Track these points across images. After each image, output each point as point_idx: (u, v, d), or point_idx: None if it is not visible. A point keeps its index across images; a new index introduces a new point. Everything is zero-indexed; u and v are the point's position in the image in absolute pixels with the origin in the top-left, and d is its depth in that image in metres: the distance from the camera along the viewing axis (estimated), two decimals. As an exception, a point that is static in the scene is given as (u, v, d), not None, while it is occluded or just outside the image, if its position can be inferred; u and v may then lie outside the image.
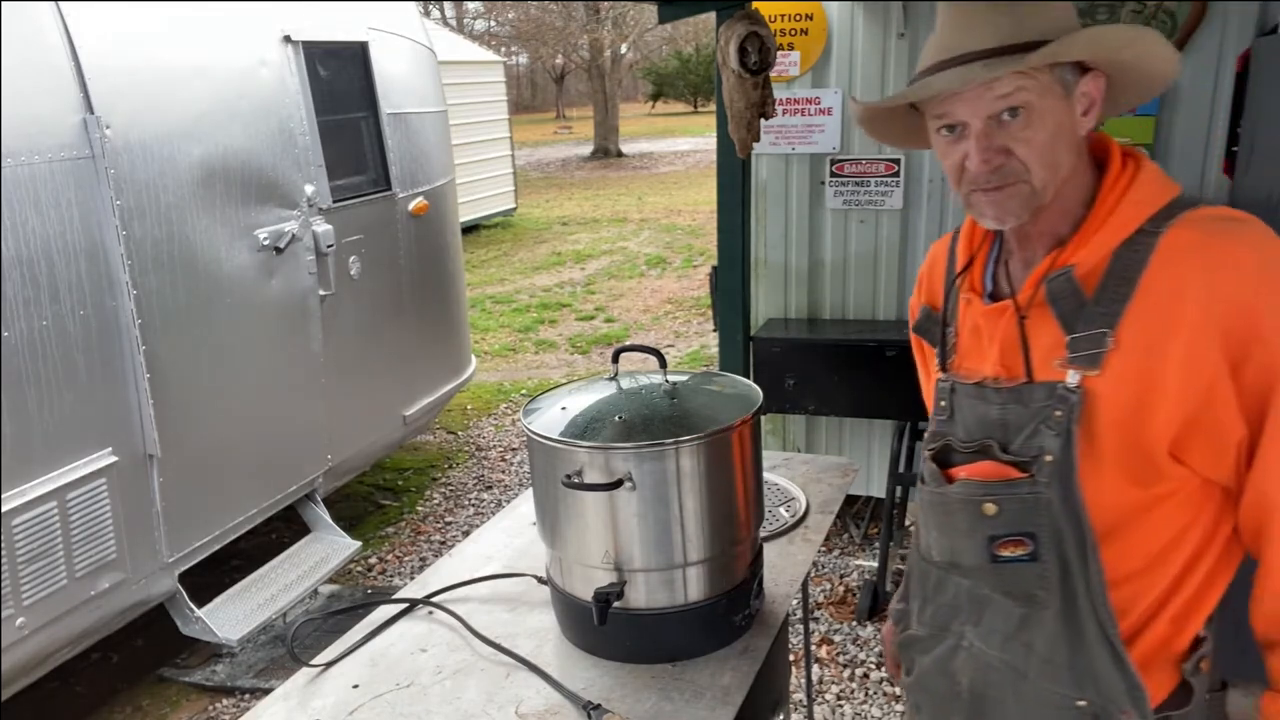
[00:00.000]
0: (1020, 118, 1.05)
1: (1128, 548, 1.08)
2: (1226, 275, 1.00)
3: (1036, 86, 1.04)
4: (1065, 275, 1.08)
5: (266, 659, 3.17)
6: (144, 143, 2.76)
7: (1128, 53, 1.06)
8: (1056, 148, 1.07)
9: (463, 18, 29.61)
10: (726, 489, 1.36)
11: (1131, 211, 1.07)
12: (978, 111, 1.06)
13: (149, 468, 2.80)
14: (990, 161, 1.07)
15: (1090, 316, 1.06)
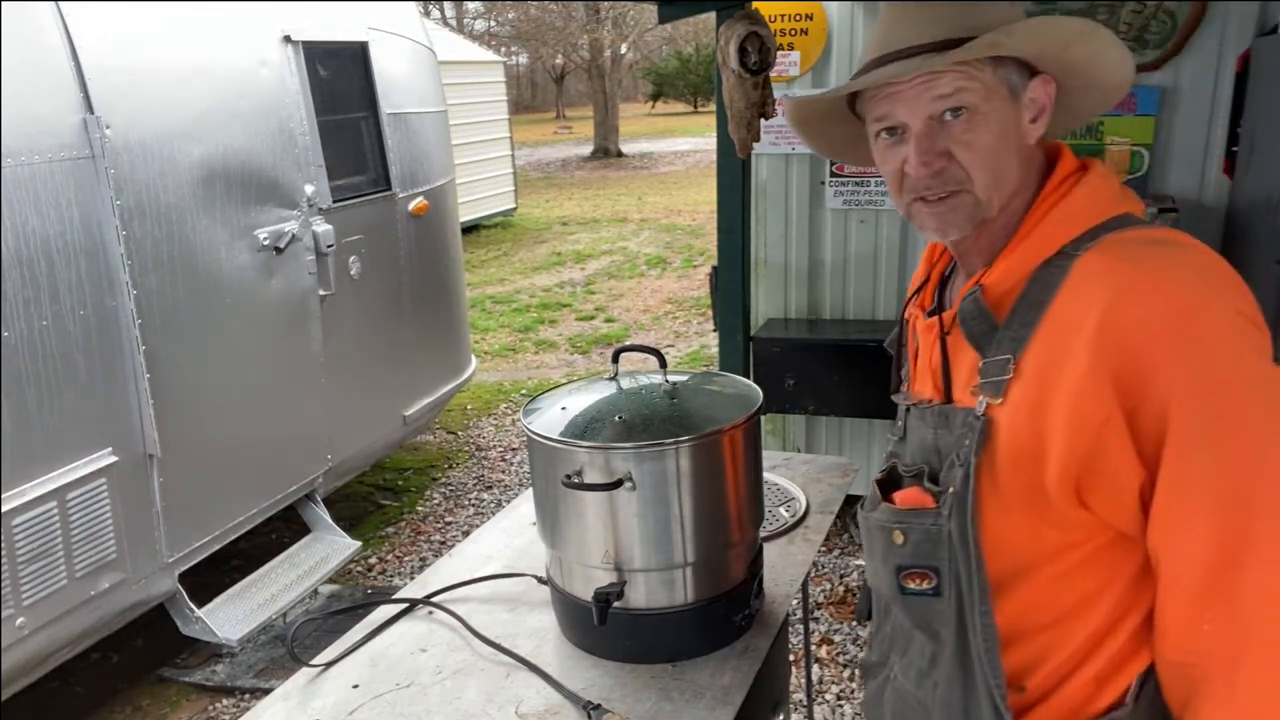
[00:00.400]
0: (963, 119, 0.98)
1: (1040, 595, 1.00)
2: (1125, 309, 0.89)
3: (980, 88, 0.98)
4: (973, 297, 1.02)
5: (266, 659, 3.17)
6: (144, 143, 2.76)
7: (1074, 51, 0.99)
8: (1001, 154, 1.00)
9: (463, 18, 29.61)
10: (726, 489, 1.36)
11: (1054, 230, 0.99)
12: (917, 111, 1.00)
13: (149, 468, 2.80)
14: (930, 165, 1.00)
15: (1000, 341, 0.98)
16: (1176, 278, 0.90)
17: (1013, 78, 1.00)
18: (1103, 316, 0.89)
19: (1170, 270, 0.91)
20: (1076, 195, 1.01)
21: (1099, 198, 1.01)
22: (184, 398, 2.89)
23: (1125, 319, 0.88)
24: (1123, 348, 0.88)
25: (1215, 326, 0.87)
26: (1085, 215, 0.99)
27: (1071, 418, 0.91)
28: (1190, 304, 0.88)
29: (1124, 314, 0.89)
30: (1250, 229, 2.94)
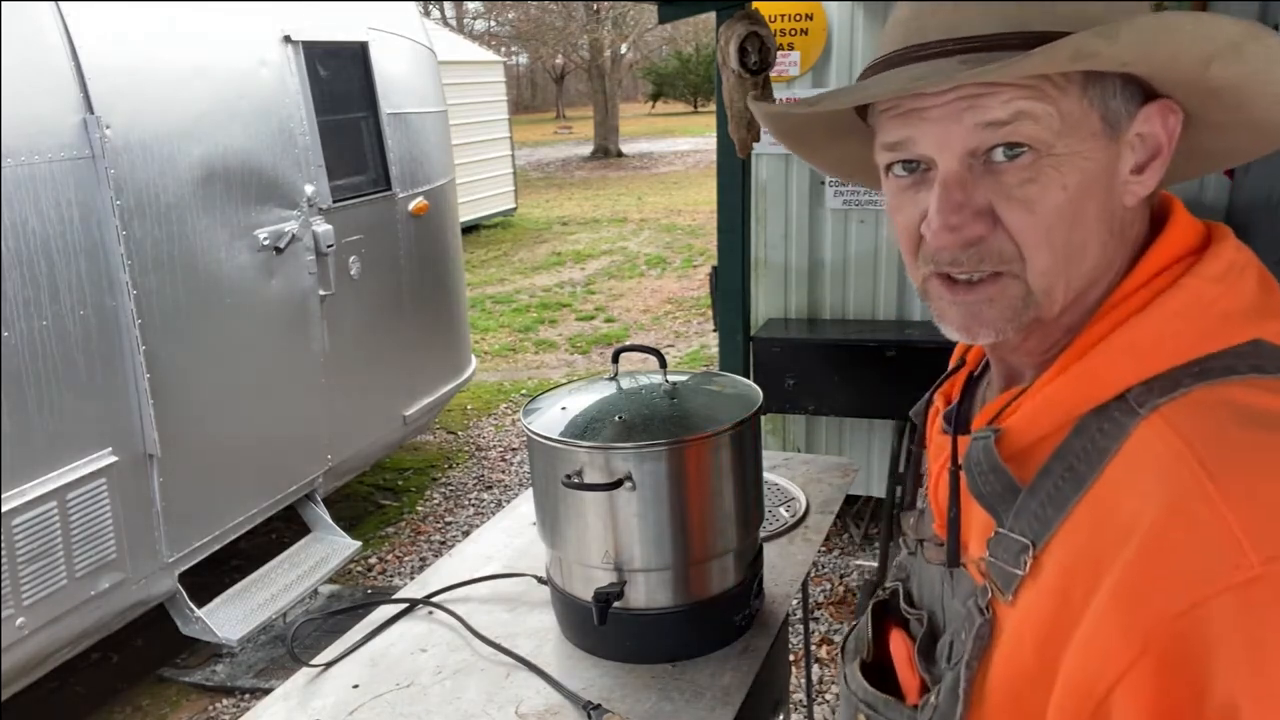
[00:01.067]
0: (1023, 161, 0.63)
1: None
2: (1207, 526, 0.54)
3: (1055, 116, 0.62)
4: (985, 443, 0.69)
5: (266, 659, 3.16)
6: (144, 143, 2.76)
7: (1221, 71, 0.61)
8: (1078, 221, 0.64)
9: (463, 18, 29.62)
10: (726, 489, 1.36)
11: (1116, 361, 0.64)
12: (950, 143, 0.65)
13: (149, 468, 2.80)
14: (960, 230, 0.65)
15: (1021, 512, 0.66)
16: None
17: (1112, 103, 0.64)
18: (1155, 531, 0.56)
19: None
20: (1166, 306, 0.64)
21: (1204, 315, 0.63)
22: (184, 398, 2.89)
23: (1176, 568, 0.55)
24: (1165, 605, 0.55)
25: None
26: (1172, 344, 0.63)
27: (1080, 662, 0.59)
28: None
29: (1176, 559, 0.55)
30: (1250, 229, 2.94)
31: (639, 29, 24.56)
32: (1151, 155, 0.66)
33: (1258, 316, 0.64)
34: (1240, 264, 0.66)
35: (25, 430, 2.44)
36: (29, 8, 2.51)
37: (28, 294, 2.44)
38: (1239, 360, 0.61)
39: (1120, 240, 0.67)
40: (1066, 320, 0.69)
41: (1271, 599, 0.50)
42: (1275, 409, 0.59)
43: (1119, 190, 0.66)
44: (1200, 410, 0.59)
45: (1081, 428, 0.64)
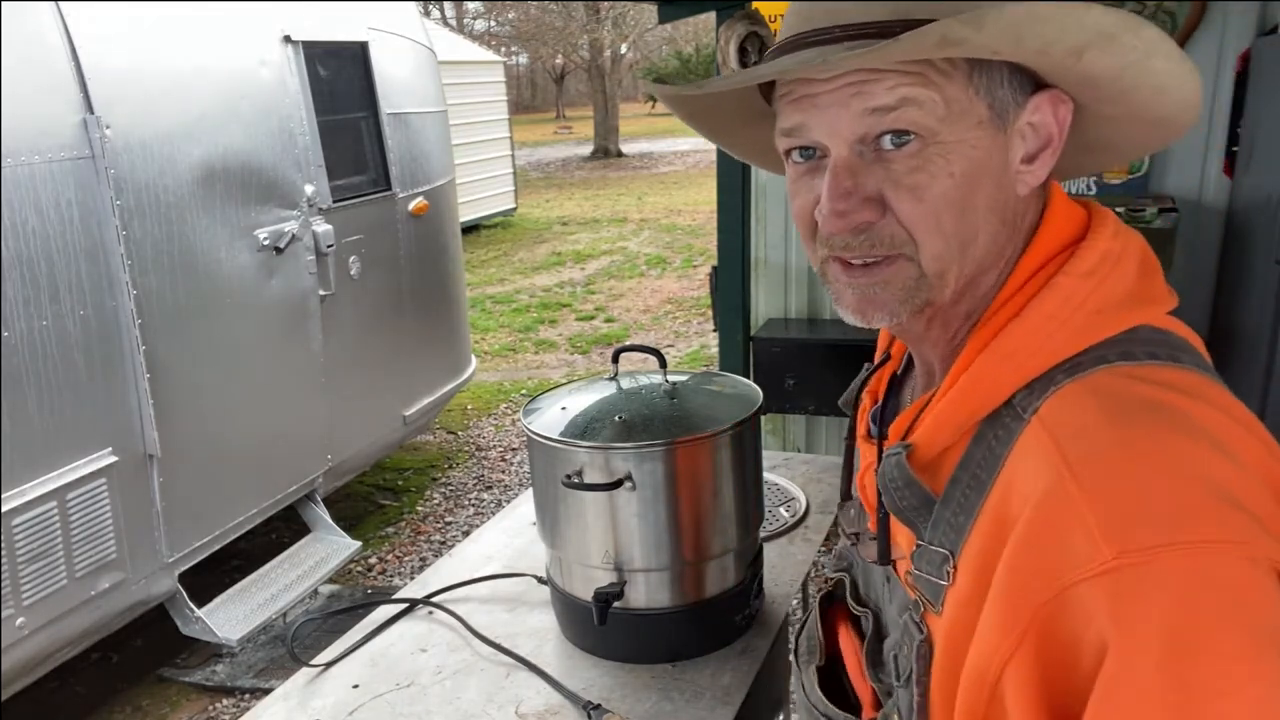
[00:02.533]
0: (910, 148, 0.64)
1: None
2: (1068, 520, 0.56)
3: (940, 102, 0.63)
4: (898, 459, 0.69)
5: (266, 659, 3.17)
6: (144, 143, 2.76)
7: (1095, 61, 0.62)
8: (967, 208, 0.65)
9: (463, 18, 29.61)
10: (726, 489, 1.36)
11: (995, 368, 0.65)
12: (839, 129, 0.65)
13: (149, 468, 2.80)
14: (848, 216, 0.65)
15: (937, 524, 0.66)
16: (1165, 515, 0.54)
17: (1000, 92, 0.65)
18: (1019, 541, 0.58)
19: (1158, 495, 0.55)
20: (1040, 309, 0.65)
21: (1076, 314, 0.64)
22: (184, 398, 2.89)
23: (1044, 560, 0.56)
24: (1036, 594, 0.57)
25: (1218, 651, 0.51)
26: (1048, 347, 0.64)
27: (976, 653, 0.61)
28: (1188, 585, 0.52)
29: (1043, 552, 0.57)
30: (1250, 229, 2.94)
31: (639, 29, 24.56)
32: (1043, 145, 0.67)
33: (1134, 305, 0.65)
34: (1115, 253, 0.66)
35: (25, 430, 2.44)
36: (29, 8, 2.51)
37: (28, 294, 2.44)
38: (1109, 350, 0.63)
39: (1012, 229, 0.68)
40: (965, 307, 0.70)
41: (1123, 589, 0.53)
42: (1137, 395, 0.60)
43: (1010, 179, 0.66)
44: (1067, 404, 0.61)
45: (979, 436, 0.65)
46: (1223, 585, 0.52)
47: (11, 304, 2.40)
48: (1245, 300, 2.88)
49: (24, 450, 2.44)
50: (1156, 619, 0.52)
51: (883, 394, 0.85)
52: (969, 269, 0.68)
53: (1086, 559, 0.54)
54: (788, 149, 0.70)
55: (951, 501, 0.66)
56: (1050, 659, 0.56)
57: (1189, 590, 0.52)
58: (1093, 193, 3.28)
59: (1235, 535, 0.53)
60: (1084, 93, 0.66)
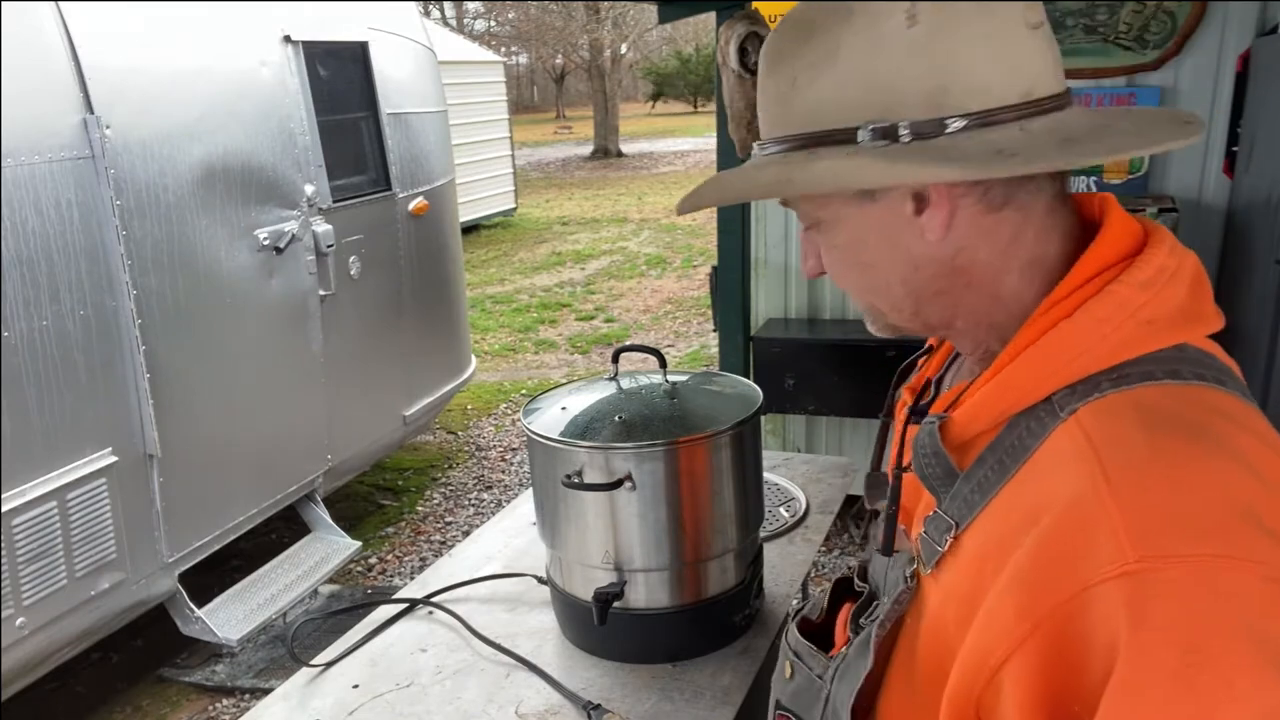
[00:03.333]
0: (814, 230, 0.78)
1: None
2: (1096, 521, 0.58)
3: (816, 195, 0.74)
4: (931, 429, 0.74)
5: (266, 659, 3.17)
6: (144, 143, 2.76)
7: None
8: (866, 269, 0.75)
9: (463, 18, 29.61)
10: (726, 489, 1.36)
11: (1040, 367, 0.68)
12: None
13: (149, 468, 2.80)
14: (806, 264, 0.82)
15: (956, 495, 0.70)
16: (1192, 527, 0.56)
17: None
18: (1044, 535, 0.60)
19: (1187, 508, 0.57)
20: (1092, 312, 0.67)
21: (1128, 322, 0.66)
22: (184, 398, 2.89)
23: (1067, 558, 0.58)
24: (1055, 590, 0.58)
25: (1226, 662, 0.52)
26: (1096, 350, 0.66)
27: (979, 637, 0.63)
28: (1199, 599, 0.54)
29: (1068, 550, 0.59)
30: (1250, 229, 2.94)
31: (639, 29, 24.57)
32: (949, 213, 0.71)
33: (1184, 322, 0.67)
34: (1171, 269, 0.68)
35: (25, 430, 2.44)
36: (29, 8, 2.51)
37: (28, 294, 2.44)
38: (1157, 366, 0.65)
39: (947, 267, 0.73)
40: (970, 323, 0.76)
41: (1144, 592, 0.55)
42: (1179, 414, 0.62)
43: (910, 232, 0.72)
44: (1110, 413, 0.63)
45: (1013, 425, 0.69)
46: (1236, 598, 0.54)
47: (11, 304, 2.40)
48: (1245, 300, 2.88)
49: (24, 450, 2.44)
50: (1169, 625, 0.53)
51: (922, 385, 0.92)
52: (905, 305, 0.76)
53: (1110, 560, 0.56)
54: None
55: (973, 479, 0.70)
56: (1059, 655, 0.58)
57: (1202, 600, 0.54)
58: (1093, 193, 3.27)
59: (1255, 554, 0.55)
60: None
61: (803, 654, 0.89)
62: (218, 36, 3.12)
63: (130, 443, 2.74)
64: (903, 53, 0.66)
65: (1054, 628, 0.58)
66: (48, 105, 2.52)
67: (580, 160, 21.13)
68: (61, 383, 2.53)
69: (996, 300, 0.73)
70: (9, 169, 2.38)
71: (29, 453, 2.45)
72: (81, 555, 2.58)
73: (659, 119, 33.08)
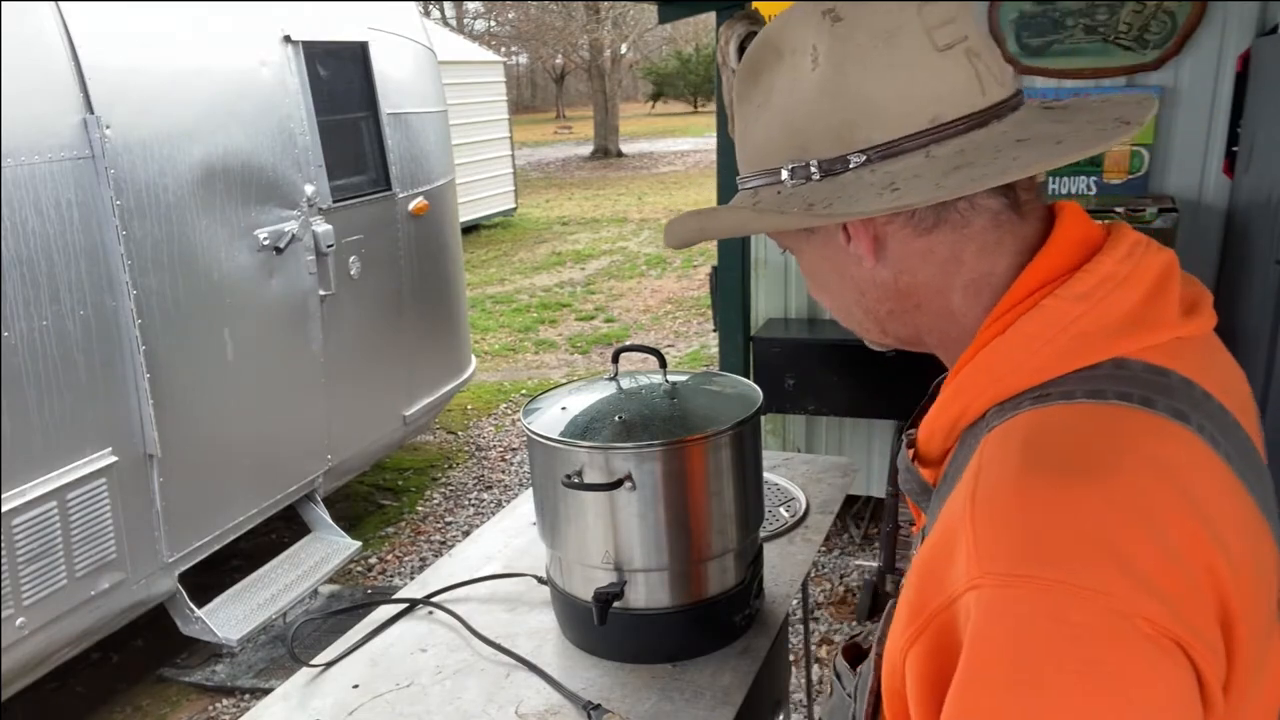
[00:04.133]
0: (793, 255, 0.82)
1: None
2: (961, 539, 0.60)
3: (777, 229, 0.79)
4: (900, 448, 0.79)
5: (266, 659, 3.17)
6: (144, 143, 2.76)
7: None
8: (828, 290, 0.80)
9: (463, 18, 29.60)
10: (726, 489, 1.36)
11: (977, 381, 0.69)
12: None
13: (149, 468, 2.80)
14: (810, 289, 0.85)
15: (931, 511, 0.73)
16: (1039, 552, 0.56)
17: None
18: (927, 547, 0.65)
19: (1038, 533, 0.57)
20: (1024, 329, 0.66)
21: (1060, 336, 0.65)
22: (184, 398, 2.89)
23: (939, 570, 0.61)
24: (932, 597, 0.61)
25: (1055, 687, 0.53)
26: (1027, 366, 0.66)
27: (893, 632, 0.67)
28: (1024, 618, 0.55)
29: (940, 562, 0.62)
30: (1250, 229, 2.94)
31: (639, 29, 24.57)
32: (871, 243, 0.73)
33: (1125, 332, 0.65)
34: (1119, 276, 0.66)
35: (25, 430, 2.44)
36: (29, 8, 2.51)
37: (28, 294, 2.44)
38: (1081, 385, 0.63)
39: (891, 291, 0.74)
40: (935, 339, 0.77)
41: (984, 607, 0.56)
42: (1067, 437, 0.61)
43: (849, 260, 0.74)
44: (1005, 435, 0.64)
45: (962, 441, 0.71)
46: (1072, 625, 0.53)
47: (11, 304, 2.40)
48: (1245, 300, 2.88)
49: (24, 450, 2.44)
50: (1003, 641, 0.55)
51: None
52: (870, 324, 0.79)
53: (962, 574, 0.58)
54: None
55: (941, 494, 0.72)
56: (934, 656, 0.61)
57: (1038, 622, 0.54)
58: (1093, 193, 3.28)
59: (1103, 586, 0.54)
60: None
61: (841, 673, 0.93)
62: (218, 36, 3.12)
63: (130, 443, 2.74)
64: (814, 92, 0.69)
65: (935, 630, 0.61)
66: (48, 105, 2.52)
67: (580, 160, 21.13)
68: (61, 383, 2.53)
69: (950, 318, 0.74)
70: (9, 169, 2.38)
71: (29, 453, 2.45)
72: (81, 555, 2.58)
73: (659, 119, 33.07)
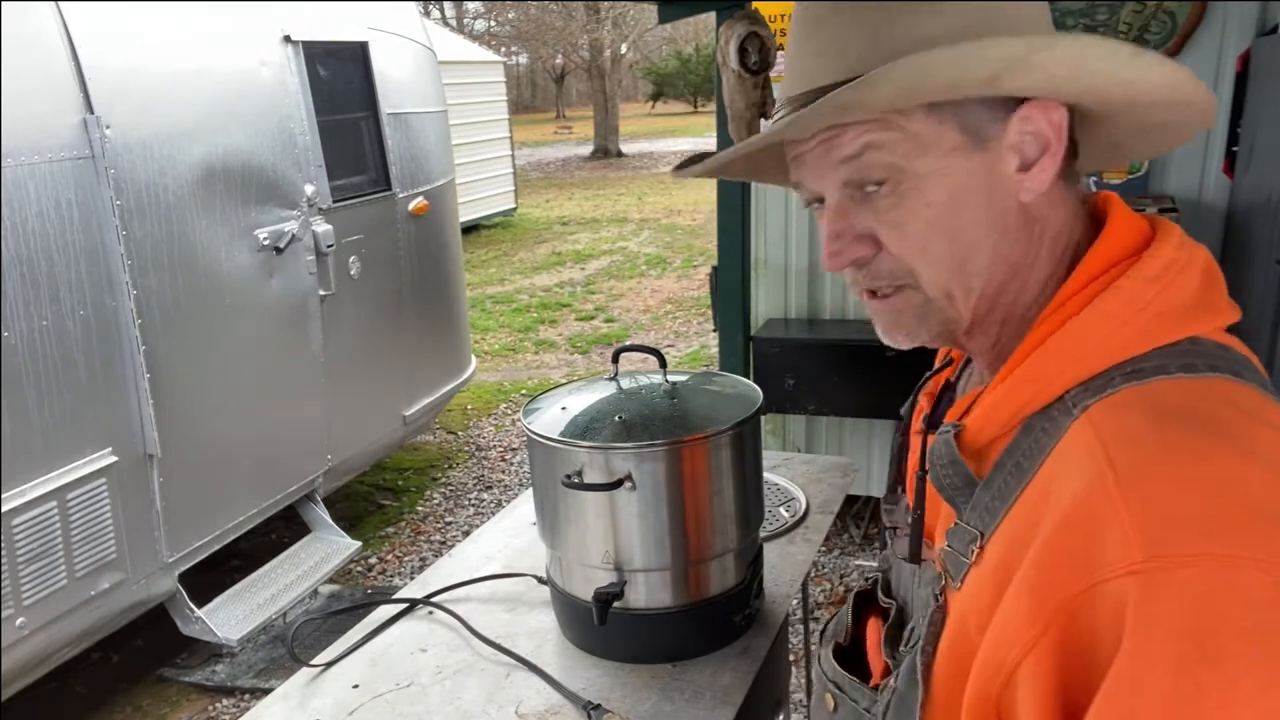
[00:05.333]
0: (885, 188, 0.69)
1: None
2: (1104, 520, 0.57)
3: (903, 141, 0.67)
4: (946, 438, 0.72)
5: (266, 659, 3.16)
6: (144, 143, 2.76)
7: (1027, 76, 0.65)
8: (957, 232, 0.69)
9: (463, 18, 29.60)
10: (726, 489, 1.36)
11: (1053, 364, 0.67)
12: (825, 179, 0.71)
13: (149, 468, 2.80)
14: (841, 255, 0.72)
15: (976, 505, 0.69)
16: (1202, 526, 0.55)
17: (970, 117, 0.67)
18: (1053, 535, 0.60)
19: (1197, 506, 0.55)
20: (1101, 309, 0.66)
21: (1139, 316, 0.65)
22: (184, 398, 2.89)
23: (1076, 556, 0.58)
24: (1064, 588, 0.58)
25: (1232, 661, 0.52)
26: (1107, 346, 0.65)
27: (995, 640, 0.63)
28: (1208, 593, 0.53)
29: (1076, 548, 0.58)
30: (1250, 229, 2.94)
31: (639, 29, 24.57)
32: (1040, 152, 0.68)
33: (1196, 314, 0.66)
34: (1181, 262, 0.67)
35: (25, 430, 2.44)
36: (29, 8, 2.51)
37: (28, 294, 2.44)
38: (1171, 359, 0.64)
39: (1026, 236, 0.70)
40: (1000, 315, 0.73)
41: (1152, 592, 0.54)
42: (1192, 409, 0.61)
43: (1006, 191, 0.69)
44: (1121, 409, 0.62)
45: (1028, 427, 0.67)
46: (1245, 599, 0.53)
47: (11, 304, 2.40)
48: (1245, 300, 2.87)
49: (24, 450, 2.44)
50: (1175, 623, 0.53)
51: (938, 394, 0.89)
52: (976, 284, 0.71)
53: (1118, 559, 0.55)
54: (805, 203, 0.76)
55: (992, 486, 0.68)
56: (1070, 652, 0.58)
57: (1212, 600, 0.53)
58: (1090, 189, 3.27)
59: (1267, 553, 0.53)
60: (1084, 94, 0.68)
61: (844, 685, 0.86)
62: (218, 36, 3.12)
63: (130, 443, 2.74)
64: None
65: (1065, 625, 0.57)
66: (48, 105, 2.52)
67: (580, 160, 21.13)
68: (61, 383, 2.53)
69: (1024, 287, 0.72)
70: (9, 169, 2.38)
71: (29, 453, 2.45)
72: (81, 555, 2.58)
73: (659, 119, 33.07)
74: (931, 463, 0.74)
